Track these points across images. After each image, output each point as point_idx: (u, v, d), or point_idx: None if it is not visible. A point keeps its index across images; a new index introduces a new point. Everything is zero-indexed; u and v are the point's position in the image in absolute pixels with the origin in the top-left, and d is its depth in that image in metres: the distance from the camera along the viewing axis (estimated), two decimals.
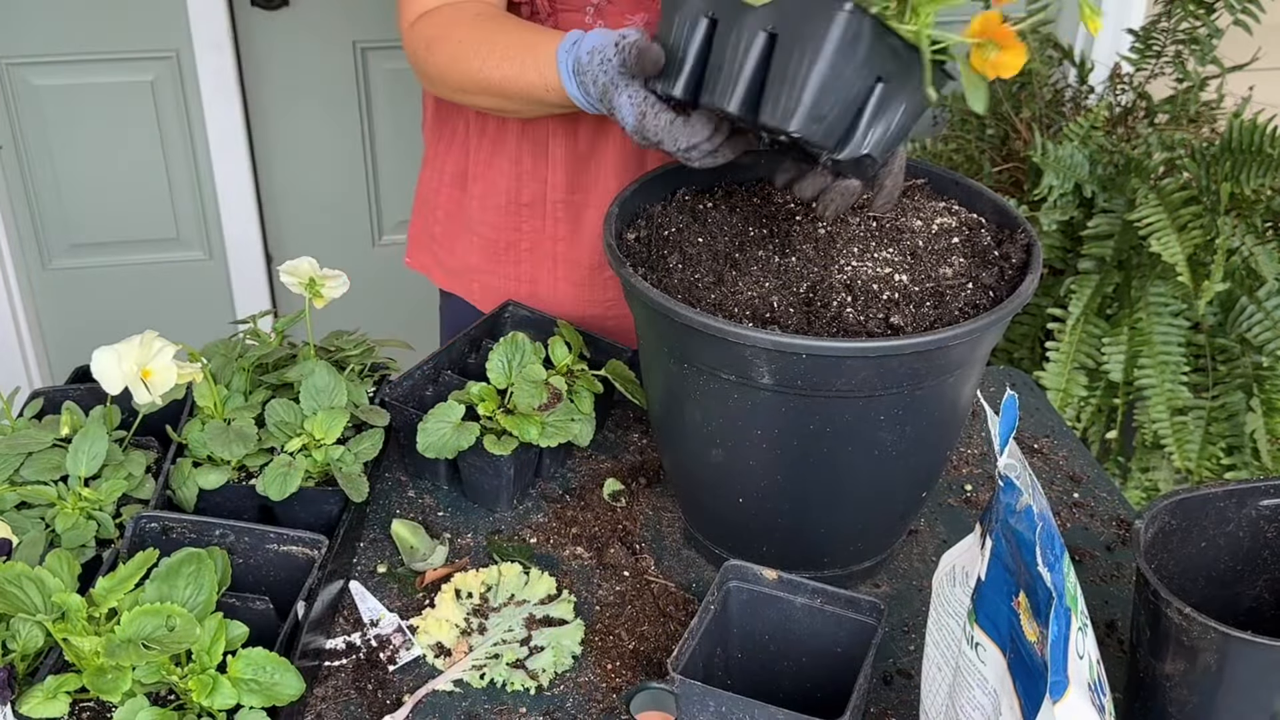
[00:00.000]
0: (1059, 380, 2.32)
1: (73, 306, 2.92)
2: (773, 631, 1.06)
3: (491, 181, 1.49)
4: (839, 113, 0.99)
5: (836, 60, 0.97)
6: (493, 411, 1.26)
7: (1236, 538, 1.06)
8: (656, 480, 1.36)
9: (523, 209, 1.49)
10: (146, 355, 1.12)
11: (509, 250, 1.52)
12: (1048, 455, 1.43)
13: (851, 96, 0.99)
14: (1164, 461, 2.37)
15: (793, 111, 0.98)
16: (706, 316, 1.02)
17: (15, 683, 0.95)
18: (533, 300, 1.51)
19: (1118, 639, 1.18)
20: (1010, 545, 0.82)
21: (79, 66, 2.64)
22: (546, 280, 1.51)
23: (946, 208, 1.18)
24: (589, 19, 1.36)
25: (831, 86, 0.97)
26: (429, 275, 1.62)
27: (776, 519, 1.14)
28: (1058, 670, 0.76)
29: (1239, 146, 2.25)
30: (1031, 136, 2.54)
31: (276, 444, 1.19)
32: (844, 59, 0.97)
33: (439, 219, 1.57)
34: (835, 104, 0.98)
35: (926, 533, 1.30)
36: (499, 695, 1.09)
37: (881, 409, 1.04)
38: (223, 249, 2.91)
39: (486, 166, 1.49)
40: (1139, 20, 2.92)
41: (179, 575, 0.98)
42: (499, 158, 1.47)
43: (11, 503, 1.14)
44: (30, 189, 2.75)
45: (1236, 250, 2.25)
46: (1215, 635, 0.89)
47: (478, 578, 1.19)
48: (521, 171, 1.47)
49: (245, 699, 0.94)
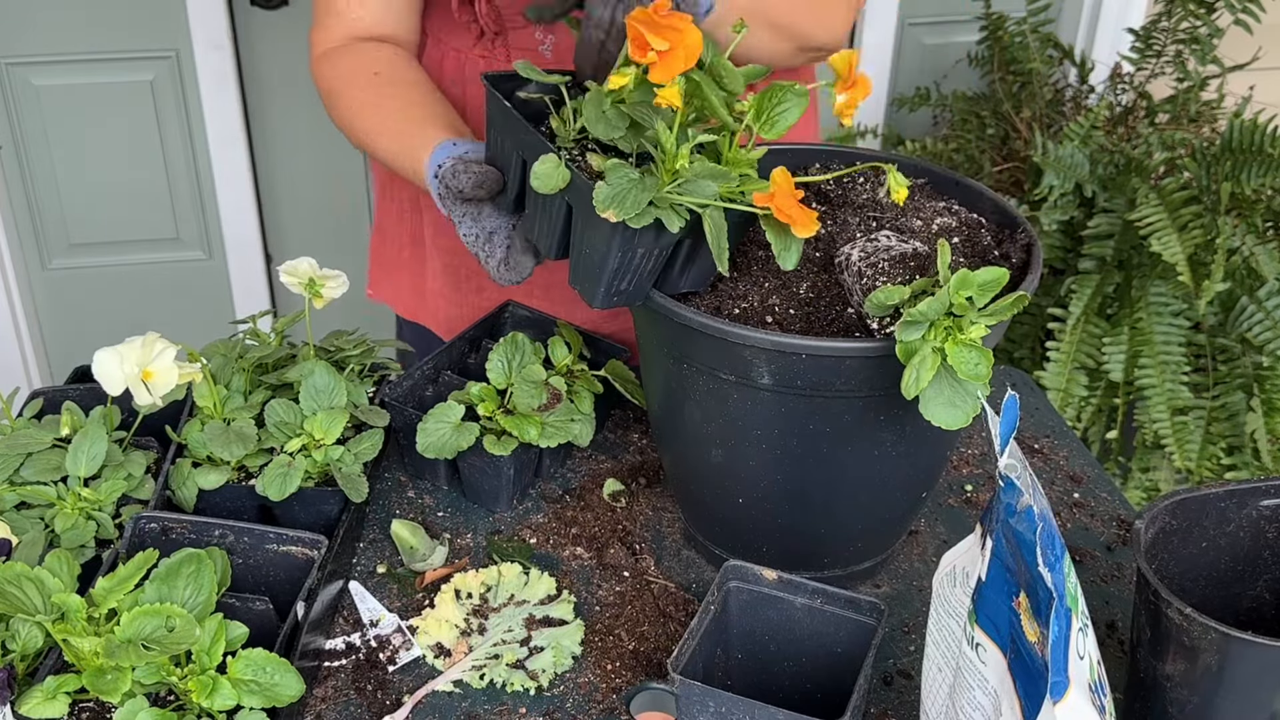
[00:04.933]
0: (1059, 380, 2.32)
1: (72, 306, 2.92)
2: (773, 632, 1.06)
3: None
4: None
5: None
6: (492, 412, 1.26)
7: (1237, 538, 1.06)
8: (656, 480, 1.36)
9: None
10: (148, 356, 1.13)
11: (471, 277, 1.49)
12: (1048, 455, 1.43)
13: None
14: (1164, 461, 2.37)
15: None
16: (706, 316, 1.02)
17: (15, 683, 0.95)
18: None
19: (1118, 639, 1.18)
20: (1011, 545, 0.82)
21: (79, 66, 2.64)
22: (520, 299, 1.48)
23: (946, 207, 1.18)
24: (538, 33, 1.35)
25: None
26: (392, 306, 1.60)
27: (776, 519, 1.14)
28: (1058, 670, 0.76)
29: (1239, 146, 2.25)
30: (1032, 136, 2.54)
31: (276, 444, 1.19)
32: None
33: (401, 245, 1.54)
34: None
35: (926, 533, 1.30)
36: (499, 695, 1.09)
37: (881, 409, 1.04)
38: (222, 249, 2.91)
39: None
40: (1139, 20, 2.92)
41: (178, 576, 0.98)
42: None
43: (11, 503, 1.14)
44: (30, 189, 2.75)
45: (1237, 250, 2.25)
46: (1215, 635, 0.89)
47: (478, 578, 1.19)
48: None
49: (245, 699, 0.94)
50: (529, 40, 1.36)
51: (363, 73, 1.29)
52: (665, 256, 1.04)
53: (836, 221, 1.15)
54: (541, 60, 1.37)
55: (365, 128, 1.28)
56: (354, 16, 1.33)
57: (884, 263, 1.05)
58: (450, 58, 1.40)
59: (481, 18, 1.33)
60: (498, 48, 1.37)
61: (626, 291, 1.05)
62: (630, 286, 1.05)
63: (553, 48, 1.37)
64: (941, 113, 2.87)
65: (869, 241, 1.08)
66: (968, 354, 0.93)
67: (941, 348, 0.94)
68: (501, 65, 1.38)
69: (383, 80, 1.29)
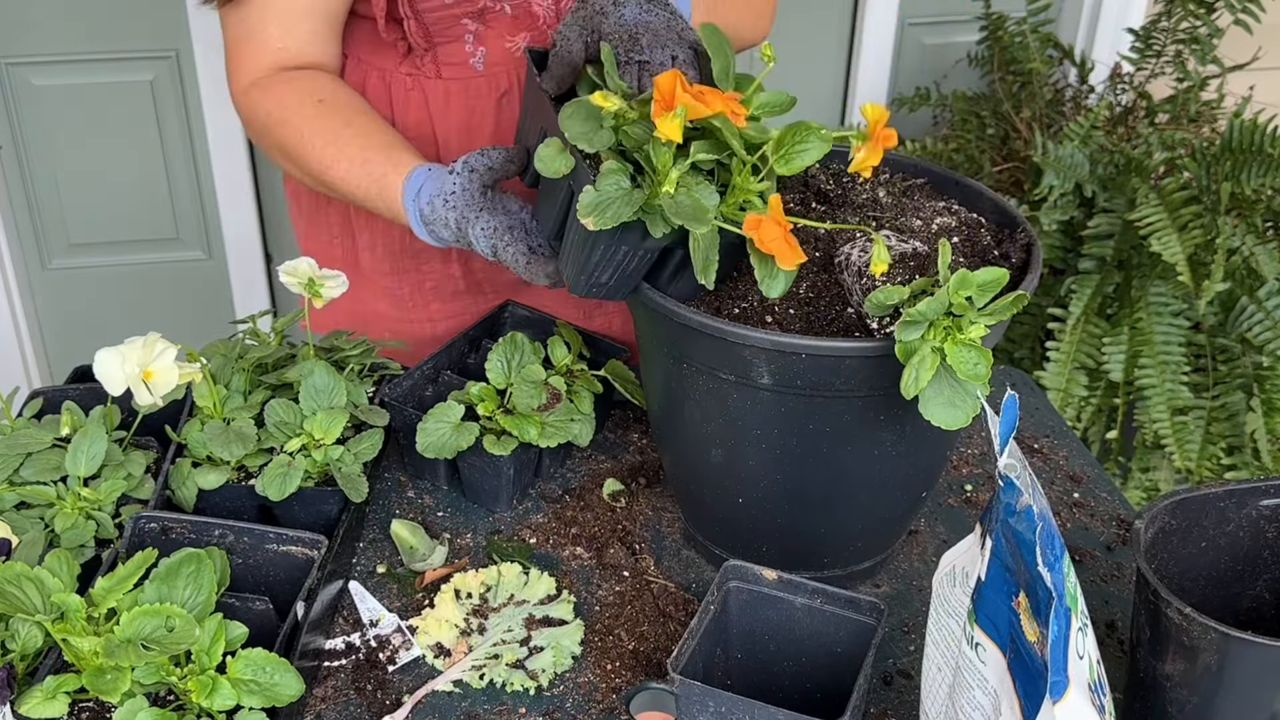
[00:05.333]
0: (1059, 380, 2.32)
1: (72, 306, 2.91)
2: (773, 631, 1.06)
3: (381, 230, 1.43)
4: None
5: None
6: (492, 411, 1.26)
7: (1237, 538, 1.06)
8: (656, 480, 1.36)
9: (419, 254, 1.44)
10: (149, 356, 1.13)
11: (415, 294, 1.47)
12: (1048, 455, 1.43)
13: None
14: (1164, 461, 2.37)
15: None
16: (706, 316, 1.02)
17: (15, 683, 0.95)
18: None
19: (1118, 639, 1.18)
20: (1010, 545, 0.82)
21: (79, 66, 2.64)
22: (477, 313, 1.46)
23: (946, 207, 1.18)
24: (469, 46, 1.33)
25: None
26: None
27: (776, 519, 1.14)
28: (1058, 670, 0.76)
29: (1239, 146, 2.25)
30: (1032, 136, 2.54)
31: (276, 444, 1.19)
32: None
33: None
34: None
35: (926, 533, 1.30)
36: (499, 695, 1.09)
37: (881, 409, 1.04)
38: (222, 249, 2.91)
39: (373, 216, 1.41)
40: (1139, 20, 2.92)
41: (178, 575, 0.98)
42: None
43: (11, 503, 1.14)
44: (30, 189, 2.75)
45: (1237, 250, 2.25)
46: (1215, 635, 0.89)
47: (477, 578, 1.19)
48: None
49: (245, 699, 0.94)
50: (459, 54, 1.34)
51: (307, 101, 1.26)
52: (651, 258, 1.05)
53: (836, 221, 1.15)
54: (473, 73, 1.36)
55: (318, 156, 1.24)
56: (279, 46, 1.28)
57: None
58: (374, 78, 1.37)
59: (411, 35, 1.30)
60: (426, 63, 1.34)
61: (608, 285, 1.06)
62: (612, 281, 1.05)
63: (484, 60, 1.35)
64: (941, 113, 2.87)
65: (870, 241, 1.08)
66: (967, 354, 0.93)
67: (941, 347, 0.94)
68: (430, 81, 1.36)
69: (329, 108, 1.26)
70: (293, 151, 1.27)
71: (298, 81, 1.28)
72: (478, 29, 1.32)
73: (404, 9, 1.27)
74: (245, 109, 1.31)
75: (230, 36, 1.31)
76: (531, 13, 1.33)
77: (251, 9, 1.27)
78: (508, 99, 1.38)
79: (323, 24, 1.29)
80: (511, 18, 1.32)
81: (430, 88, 1.36)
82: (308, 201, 1.49)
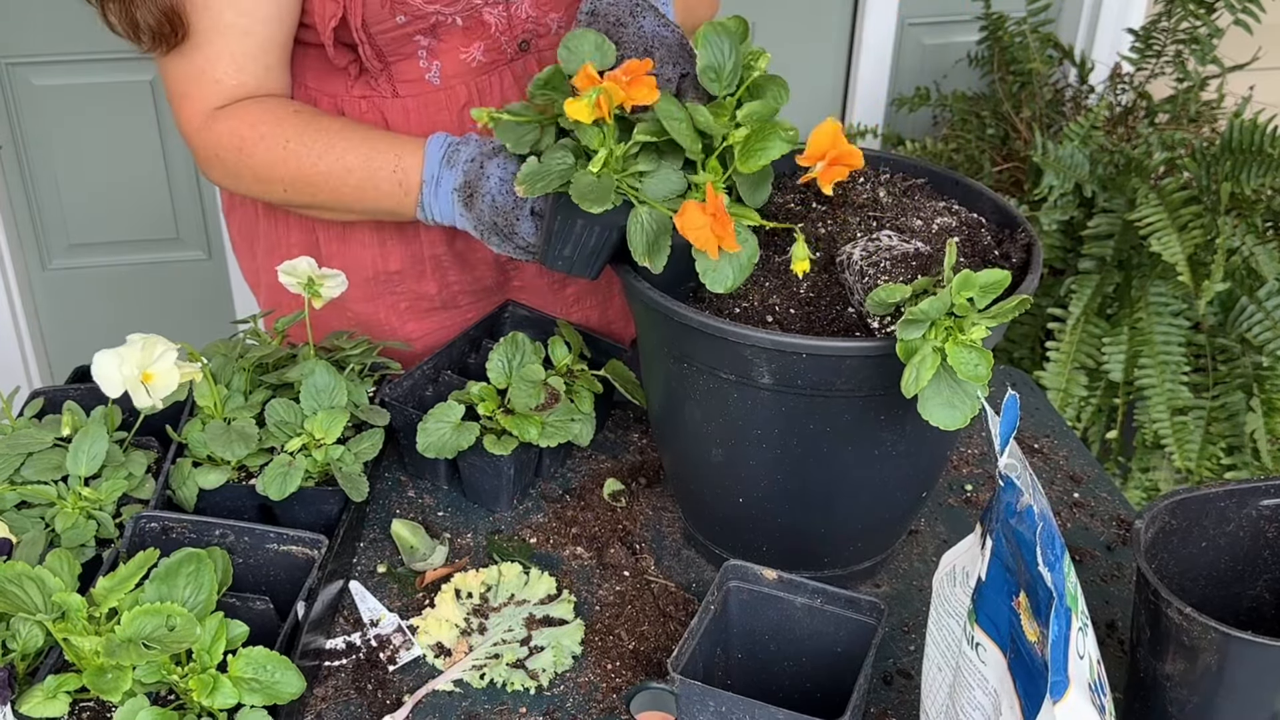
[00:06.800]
0: (1059, 380, 2.32)
1: (72, 306, 2.91)
2: (773, 631, 1.06)
3: (352, 257, 1.40)
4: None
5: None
6: (492, 411, 1.26)
7: (1237, 538, 1.06)
8: (656, 480, 1.36)
9: (393, 276, 1.42)
10: (148, 358, 1.12)
11: (390, 316, 1.45)
12: (1048, 455, 1.43)
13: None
14: (1164, 461, 2.37)
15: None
16: (706, 316, 1.02)
17: (15, 682, 0.95)
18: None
19: (1118, 639, 1.18)
20: (1010, 545, 0.82)
21: (79, 66, 2.64)
22: (453, 330, 1.45)
23: (946, 207, 1.18)
24: (423, 62, 1.32)
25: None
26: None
27: (776, 519, 1.14)
28: (1058, 670, 0.76)
29: (1239, 146, 2.25)
30: (1032, 136, 2.54)
31: (276, 444, 1.19)
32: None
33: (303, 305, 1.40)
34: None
35: (926, 533, 1.30)
36: (499, 695, 1.09)
37: (882, 408, 1.04)
38: (223, 249, 2.90)
39: (341, 242, 1.40)
40: (1139, 20, 2.92)
41: (179, 575, 0.98)
42: (355, 228, 1.39)
43: (11, 502, 1.14)
44: (30, 189, 2.75)
45: (1237, 250, 2.25)
46: (1215, 635, 0.89)
47: (478, 578, 1.19)
48: (385, 237, 1.39)
49: (246, 698, 0.94)
50: (414, 70, 1.32)
51: (284, 114, 1.25)
52: (610, 237, 1.08)
53: (837, 221, 1.15)
54: (430, 88, 1.34)
55: (317, 155, 1.23)
56: (235, 83, 1.25)
57: (886, 262, 1.05)
58: (324, 104, 1.35)
59: (365, 58, 1.28)
60: (381, 83, 1.32)
61: (570, 259, 1.11)
62: (573, 255, 1.11)
63: (440, 74, 1.33)
64: (941, 113, 2.87)
65: (870, 241, 1.08)
66: (967, 354, 0.93)
67: (942, 347, 0.94)
68: (386, 101, 1.34)
69: (311, 114, 1.26)
70: (277, 164, 1.24)
71: (265, 102, 1.26)
72: (430, 44, 1.30)
73: (357, 34, 1.25)
74: (209, 140, 1.27)
75: (177, 77, 1.27)
76: (483, 22, 1.31)
77: (198, 54, 1.24)
78: (468, 112, 1.35)
79: (274, 58, 1.27)
80: (464, 29, 1.30)
81: (388, 107, 1.34)
82: (265, 241, 1.45)
